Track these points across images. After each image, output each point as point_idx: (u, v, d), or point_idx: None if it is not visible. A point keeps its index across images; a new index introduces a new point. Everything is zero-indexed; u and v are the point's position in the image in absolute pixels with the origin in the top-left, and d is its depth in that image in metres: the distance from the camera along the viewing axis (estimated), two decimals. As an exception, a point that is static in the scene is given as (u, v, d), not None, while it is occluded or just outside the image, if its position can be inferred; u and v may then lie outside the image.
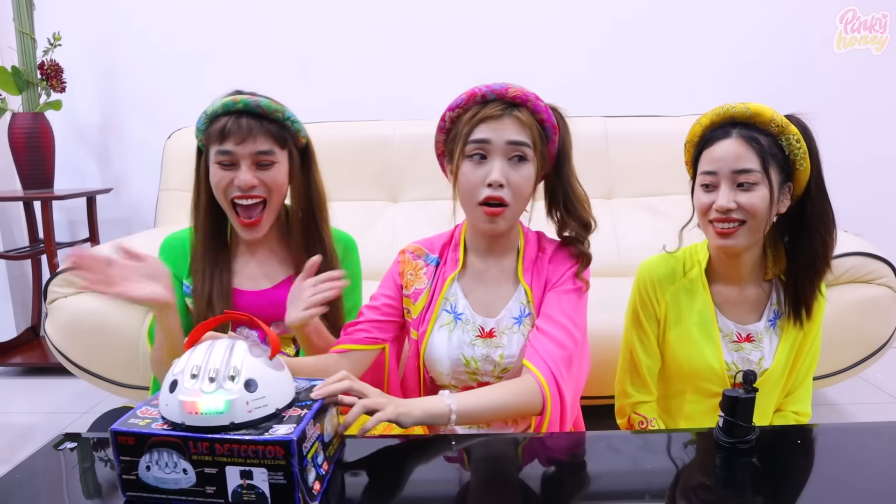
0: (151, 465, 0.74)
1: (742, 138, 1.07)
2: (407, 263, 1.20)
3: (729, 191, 1.07)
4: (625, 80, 2.65)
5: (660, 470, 0.90)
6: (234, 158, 1.14)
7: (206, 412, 0.72)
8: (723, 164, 1.08)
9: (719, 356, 1.17)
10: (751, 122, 1.09)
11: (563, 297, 1.10)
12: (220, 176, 1.15)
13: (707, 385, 1.19)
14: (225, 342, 0.78)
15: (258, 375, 0.76)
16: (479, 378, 1.14)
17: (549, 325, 1.07)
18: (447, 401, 0.95)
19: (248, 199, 1.16)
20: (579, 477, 0.89)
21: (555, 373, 1.02)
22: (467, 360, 1.13)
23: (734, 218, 1.08)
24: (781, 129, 1.08)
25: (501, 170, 1.03)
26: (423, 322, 1.15)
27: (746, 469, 0.87)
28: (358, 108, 2.65)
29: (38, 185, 2.52)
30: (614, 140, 2.32)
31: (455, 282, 1.16)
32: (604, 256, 2.13)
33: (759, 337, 1.17)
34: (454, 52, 2.62)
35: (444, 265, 1.18)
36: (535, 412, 1.02)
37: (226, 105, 1.13)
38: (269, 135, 1.15)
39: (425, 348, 1.15)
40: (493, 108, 1.04)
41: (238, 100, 1.13)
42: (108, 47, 2.73)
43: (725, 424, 0.90)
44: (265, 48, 2.69)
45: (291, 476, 0.72)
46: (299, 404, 0.80)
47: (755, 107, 1.08)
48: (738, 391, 0.90)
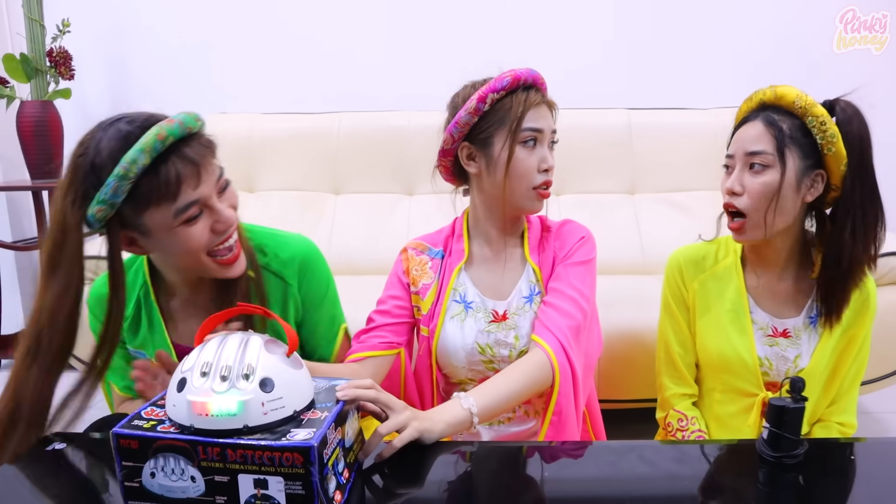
0: (156, 472, 0.68)
1: (763, 121, 1.05)
2: (411, 260, 1.19)
3: (739, 173, 1.06)
4: (649, 71, 2.58)
5: (696, 485, 0.83)
6: (202, 206, 0.88)
7: (218, 414, 0.66)
8: (739, 146, 1.07)
9: (751, 348, 1.11)
10: (777, 104, 1.06)
11: (570, 269, 1.10)
12: (192, 234, 0.88)
13: (738, 382, 1.13)
14: (238, 337, 0.72)
15: (275, 374, 0.70)
16: (497, 366, 1.12)
17: (557, 298, 1.08)
18: (465, 404, 0.92)
19: (229, 238, 0.94)
20: (610, 489, 0.82)
21: (562, 342, 1.03)
22: (482, 347, 1.11)
23: (736, 207, 1.06)
24: (805, 110, 1.03)
25: (550, 158, 1.09)
26: (434, 317, 1.14)
27: (793, 486, 0.80)
28: (372, 98, 2.59)
29: (46, 174, 2.47)
30: (638, 133, 2.26)
31: (462, 271, 1.16)
32: (627, 254, 2.08)
33: (796, 333, 1.11)
34: (470, 41, 2.55)
35: (449, 257, 1.17)
36: (548, 385, 1.02)
37: (154, 150, 0.82)
38: (207, 152, 0.88)
39: (437, 343, 1.13)
40: (536, 95, 1.07)
41: (164, 135, 0.82)
42: (117, 37, 2.68)
43: (771, 436, 0.83)
44: (275, 39, 2.64)
45: (311, 486, 0.66)
46: (319, 406, 0.74)
47: (781, 89, 1.05)
48: (784, 400, 0.84)
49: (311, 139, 2.31)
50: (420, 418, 0.86)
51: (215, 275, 0.95)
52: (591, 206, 2.17)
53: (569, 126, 1.64)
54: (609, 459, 0.90)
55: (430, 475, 0.82)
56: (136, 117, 0.86)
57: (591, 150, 2.23)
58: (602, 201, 2.20)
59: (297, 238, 1.10)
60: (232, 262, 0.95)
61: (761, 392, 1.11)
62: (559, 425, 1.03)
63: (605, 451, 0.94)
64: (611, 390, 1.60)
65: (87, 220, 0.85)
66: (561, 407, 1.02)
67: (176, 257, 0.94)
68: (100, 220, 0.85)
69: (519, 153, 1.05)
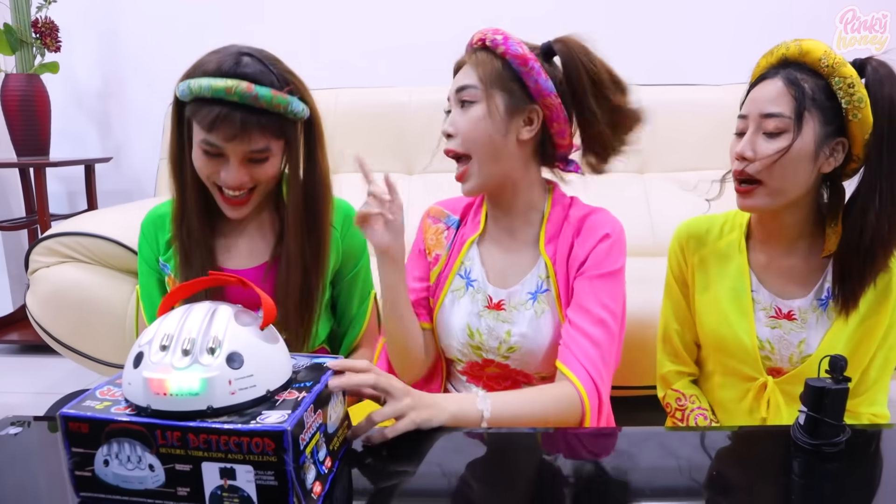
0: (110, 460, 0.59)
1: (783, 79, 0.94)
2: (428, 229, 1.14)
3: (752, 135, 0.95)
4: (659, 46, 2.49)
5: (724, 475, 0.75)
6: (222, 152, 0.95)
7: (178, 393, 0.57)
8: (753, 106, 0.96)
9: (751, 330, 1.02)
10: (801, 60, 0.94)
11: (595, 283, 0.98)
12: (204, 163, 0.97)
13: (737, 365, 1.05)
14: (205, 306, 0.63)
15: (245, 348, 0.61)
16: (484, 354, 1.04)
17: (584, 320, 0.96)
18: (480, 406, 0.85)
19: (236, 192, 0.99)
20: (623, 480, 0.74)
21: (595, 379, 0.93)
22: (472, 331, 1.04)
23: (747, 174, 0.96)
24: (832, 69, 0.91)
25: (450, 119, 0.99)
26: (439, 288, 1.09)
27: (834, 477, 0.72)
28: (371, 73, 2.51)
29: (32, 151, 2.39)
30: (648, 110, 2.14)
31: (474, 245, 1.08)
32: (636, 235, 1.99)
33: (802, 316, 1.01)
34: (472, 14, 2.45)
35: (464, 226, 1.11)
36: (573, 421, 0.92)
37: (215, 90, 0.90)
38: (265, 130, 0.95)
39: (437, 315, 1.08)
40: (460, 58, 1.01)
41: (233, 90, 0.90)
42: (107, 8, 2.59)
43: (808, 421, 0.75)
44: (271, 12, 2.55)
45: (284, 476, 0.57)
46: (296, 385, 0.65)
47: (807, 43, 0.94)
48: (824, 380, 0.75)
49: (308, 116, 2.22)
50: (421, 407, 0.78)
51: (219, 204, 1.02)
52: (600, 186, 2.04)
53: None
54: (626, 447, 0.81)
55: (423, 464, 0.73)
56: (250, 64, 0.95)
57: (601, 128, 2.14)
58: (611, 180, 2.06)
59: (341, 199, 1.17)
60: (235, 204, 1.00)
61: (761, 377, 1.03)
62: None
63: (622, 438, 0.85)
64: (619, 377, 1.52)
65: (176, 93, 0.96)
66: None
67: (197, 170, 1.00)
68: (180, 95, 0.95)
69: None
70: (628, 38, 2.47)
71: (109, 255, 1.49)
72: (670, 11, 2.49)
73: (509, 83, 0.97)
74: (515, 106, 0.97)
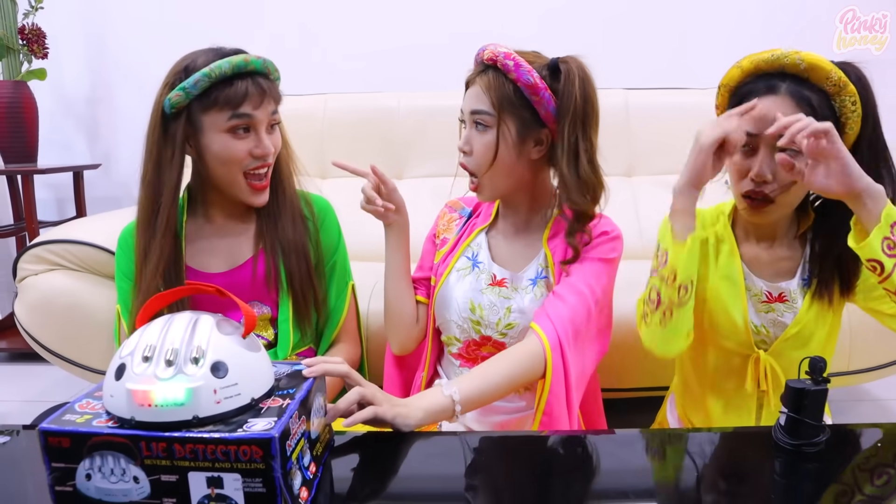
0: (93, 473, 0.59)
1: (791, 97, 0.93)
2: (443, 216, 1.23)
3: (768, 157, 0.95)
4: (647, 49, 2.50)
5: (707, 476, 0.76)
6: (252, 123, 1.03)
7: (162, 404, 0.58)
8: (766, 125, 0.92)
9: (744, 315, 1.05)
10: (803, 76, 0.94)
11: (586, 264, 1.04)
12: (235, 146, 1.03)
13: (729, 344, 1.07)
14: (186, 316, 0.63)
15: (228, 357, 0.61)
16: (483, 330, 1.09)
17: (564, 289, 1.02)
18: (447, 391, 0.86)
19: (265, 167, 1.08)
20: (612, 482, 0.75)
21: (561, 336, 0.96)
22: (474, 306, 1.09)
23: (765, 194, 0.97)
24: (839, 88, 0.93)
25: (466, 136, 1.05)
26: (443, 265, 1.15)
27: (814, 476, 0.73)
28: (359, 78, 2.51)
29: (20, 158, 2.38)
30: (636, 114, 2.17)
31: (483, 234, 1.15)
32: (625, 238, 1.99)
33: (792, 297, 1.05)
34: (461, 21, 2.44)
35: (476, 217, 1.19)
36: (538, 375, 0.96)
37: (237, 66, 1.00)
38: (273, 93, 1.07)
39: (438, 292, 1.13)
40: (473, 73, 1.04)
41: (248, 60, 1.02)
42: (96, 14, 2.58)
43: (789, 422, 0.76)
44: (258, 17, 2.55)
45: (272, 482, 0.58)
46: (280, 393, 0.66)
47: (811, 58, 0.93)
48: (804, 382, 0.77)
49: (296, 121, 2.15)
50: (395, 403, 0.81)
51: (244, 197, 1.08)
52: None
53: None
54: (611, 449, 0.82)
55: (405, 468, 0.74)
56: (230, 48, 1.06)
57: (588, 132, 2.15)
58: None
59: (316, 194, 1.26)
60: (260, 189, 1.08)
61: (753, 352, 1.06)
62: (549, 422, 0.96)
63: (607, 440, 0.86)
64: (608, 379, 1.53)
65: (164, 106, 1.01)
66: (552, 407, 0.95)
67: (217, 167, 1.05)
68: (174, 105, 1.00)
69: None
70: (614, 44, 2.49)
71: (98, 263, 1.48)
72: (669, 13, 2.50)
73: (521, 110, 1.01)
74: (527, 131, 1.02)
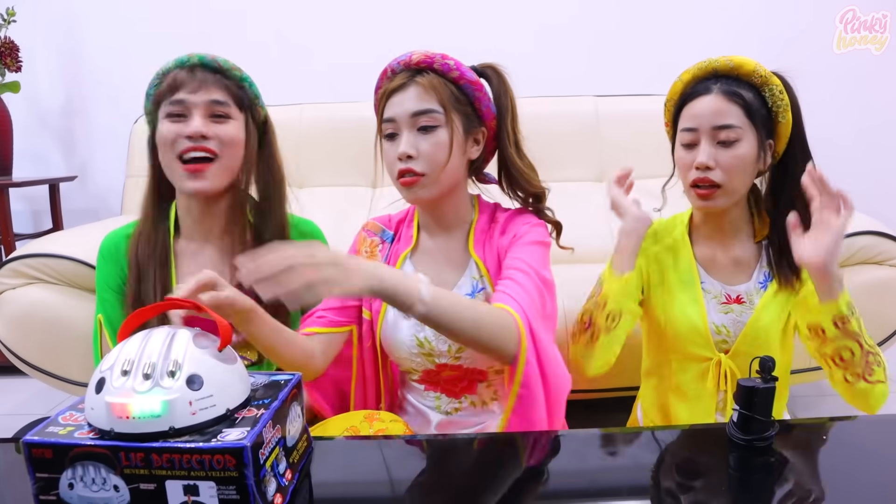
0: (75, 483, 0.62)
1: (723, 93, 1.05)
2: (363, 241, 1.17)
3: (709, 147, 1.05)
4: (616, 57, 2.55)
5: (665, 472, 0.80)
6: (186, 108, 1.04)
7: (140, 416, 0.60)
8: (703, 120, 1.06)
9: (703, 316, 1.12)
10: (732, 74, 1.07)
11: (522, 248, 1.03)
12: (168, 129, 1.04)
13: (692, 348, 1.14)
14: (164, 331, 0.66)
15: (204, 370, 0.64)
16: (437, 360, 1.07)
17: (510, 271, 0.99)
18: (421, 286, 0.84)
19: (198, 150, 1.03)
20: (571, 478, 0.79)
21: (527, 312, 0.92)
22: (420, 340, 1.06)
23: (711, 180, 1.05)
24: (764, 79, 1.06)
25: (408, 141, 0.99)
26: (378, 304, 1.11)
27: (764, 470, 0.77)
28: (335, 88, 2.51)
29: (-5, 172, 2.37)
30: (606, 120, 2.22)
31: (408, 259, 1.12)
32: (597, 242, 2.02)
33: (749, 298, 1.13)
34: (435, 29, 2.50)
35: (398, 242, 1.15)
36: (508, 351, 0.90)
37: (179, 60, 1.07)
38: (224, 88, 1.07)
39: (380, 330, 1.10)
40: (398, 79, 1.02)
41: (193, 55, 1.08)
42: (69, 26, 2.58)
43: (740, 419, 0.80)
44: (233, 28, 2.56)
45: (246, 489, 0.61)
46: (255, 403, 0.69)
47: (737, 58, 1.07)
48: (754, 380, 0.81)
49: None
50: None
51: (180, 184, 1.06)
52: (560, 195, 2.09)
53: (536, 113, 1.59)
54: (572, 449, 0.86)
55: (382, 473, 0.77)
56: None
57: (559, 138, 2.18)
58: (571, 190, 2.16)
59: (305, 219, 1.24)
60: (192, 171, 1.04)
61: (715, 356, 1.12)
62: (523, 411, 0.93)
63: (568, 440, 0.89)
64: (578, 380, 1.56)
65: (145, 110, 1.11)
66: (529, 379, 0.91)
67: (160, 156, 1.07)
68: (145, 111, 1.11)
69: (384, 146, 1.04)
70: (584, 51, 2.54)
71: (77, 276, 1.49)
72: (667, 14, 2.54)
73: (464, 107, 1.03)
74: (469, 128, 1.04)
